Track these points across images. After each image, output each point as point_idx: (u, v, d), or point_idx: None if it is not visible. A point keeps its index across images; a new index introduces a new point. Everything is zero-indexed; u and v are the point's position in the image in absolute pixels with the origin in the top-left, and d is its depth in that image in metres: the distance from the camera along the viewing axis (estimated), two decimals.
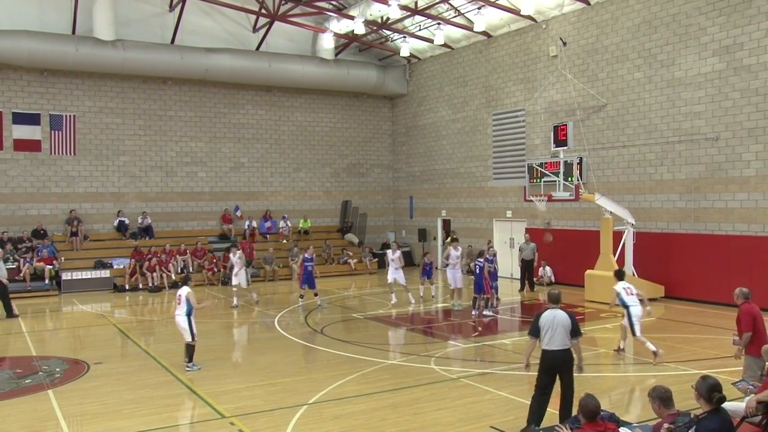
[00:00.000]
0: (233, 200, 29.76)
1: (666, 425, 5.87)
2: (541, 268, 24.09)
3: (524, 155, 25.11)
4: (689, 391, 6.33)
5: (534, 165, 22.02)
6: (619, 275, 13.85)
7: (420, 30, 27.74)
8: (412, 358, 13.19)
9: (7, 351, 14.82)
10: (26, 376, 12.38)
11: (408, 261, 31.57)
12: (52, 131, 26.16)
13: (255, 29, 28.74)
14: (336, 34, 28.79)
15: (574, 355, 8.80)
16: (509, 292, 23.93)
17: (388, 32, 28.93)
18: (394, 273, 20.31)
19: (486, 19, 24.98)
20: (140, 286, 24.53)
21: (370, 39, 29.93)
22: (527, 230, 24.82)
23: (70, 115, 26.44)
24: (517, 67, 25.70)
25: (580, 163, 21.79)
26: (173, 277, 24.83)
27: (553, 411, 8.79)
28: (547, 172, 20.96)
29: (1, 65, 24.90)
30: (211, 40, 27.89)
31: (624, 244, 19.91)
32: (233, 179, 29.91)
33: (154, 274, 24.69)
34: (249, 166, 30.25)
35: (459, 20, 26.22)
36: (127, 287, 24.44)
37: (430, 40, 27.78)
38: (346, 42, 29.90)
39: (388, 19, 26.74)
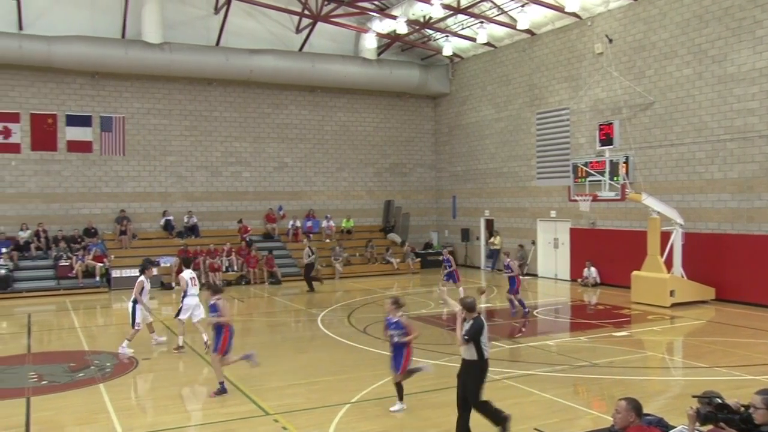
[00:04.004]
0: (277, 200, 30.06)
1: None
2: (585, 269, 23.73)
3: (569, 154, 24.77)
4: (742, 398, 6.12)
5: (579, 164, 21.67)
6: None
7: (462, 29, 27.60)
8: (455, 359, 13.09)
9: (61, 345, 15.25)
10: (79, 369, 12.75)
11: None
12: (103, 132, 26.83)
13: (298, 30, 28.98)
14: (378, 34, 28.84)
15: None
16: (553, 292, 23.66)
17: (430, 31, 28.85)
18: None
19: (529, 17, 24.69)
20: None
21: (413, 38, 29.88)
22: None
23: (119, 117, 27.07)
24: (562, 65, 25.36)
25: (626, 162, 21.35)
26: (220, 276, 25.23)
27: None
28: (592, 171, 20.62)
29: (56, 70, 25.65)
30: (255, 41, 28.22)
31: (672, 244, 19.46)
32: (277, 179, 30.21)
33: (200, 273, 25.06)
34: (293, 166, 30.51)
35: (502, 18, 26.00)
36: (173, 285, 24.88)
37: (473, 39, 27.61)
38: (389, 42, 29.92)
39: (430, 18, 26.66)
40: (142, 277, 14.25)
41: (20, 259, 24.47)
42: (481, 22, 26.13)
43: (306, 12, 27.37)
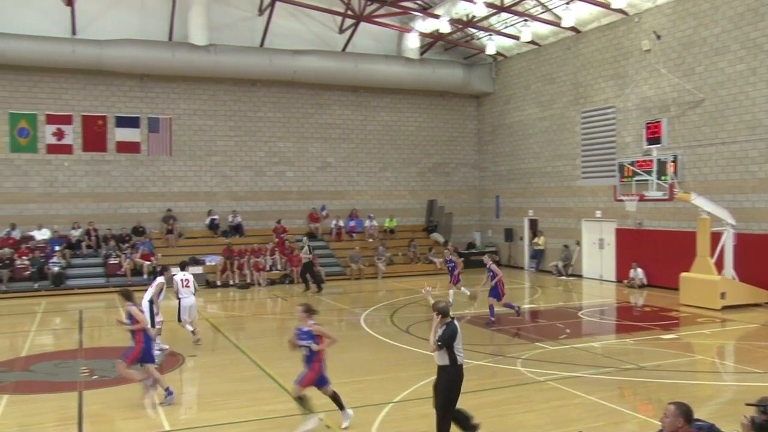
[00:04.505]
0: (320, 199, 30.26)
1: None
2: (632, 270, 23.29)
3: (615, 153, 24.34)
4: None
5: (625, 163, 21.27)
6: None
7: (506, 27, 27.37)
8: (498, 359, 13.02)
9: (111, 341, 15.61)
10: (129, 365, 13.00)
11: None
12: (150, 133, 27.39)
13: (341, 30, 29.12)
14: (421, 34, 28.79)
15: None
16: (598, 293, 23.30)
17: (473, 30, 28.68)
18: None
19: (575, 14, 24.34)
20: (230, 282, 25.31)
21: (456, 37, 29.75)
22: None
23: (166, 118, 27.61)
24: (608, 62, 24.93)
25: (674, 161, 20.87)
26: (264, 275, 25.54)
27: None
28: (639, 170, 20.22)
29: (106, 73, 26.30)
30: (298, 42, 28.45)
31: (723, 245, 18.96)
32: (320, 178, 30.41)
33: (245, 272, 25.43)
34: (336, 166, 30.69)
35: (546, 16, 25.69)
36: (218, 283, 25.28)
37: (517, 38, 27.35)
38: (432, 41, 29.85)
39: (473, 17, 26.51)
40: (161, 279, 14.38)
41: (72, 257, 25.16)
42: (525, 20, 25.86)
43: (349, 12, 27.50)
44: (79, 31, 25.62)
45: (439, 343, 7.95)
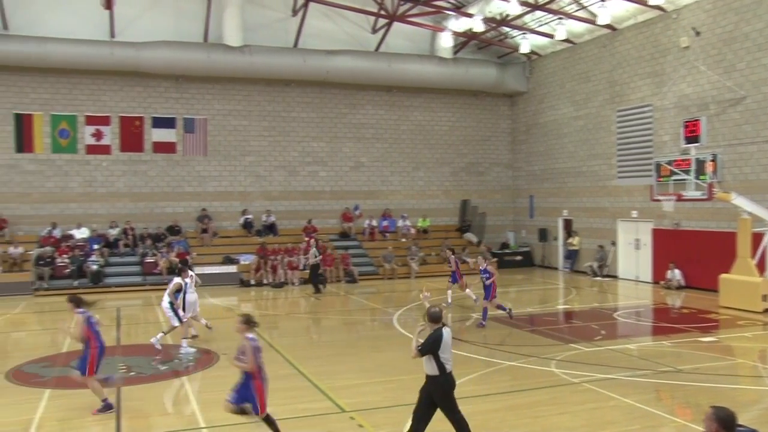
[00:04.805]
0: (353, 199, 30.34)
1: None
2: (669, 271, 22.89)
3: (651, 152, 23.94)
4: None
5: (662, 163, 20.94)
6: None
7: (540, 26, 27.11)
8: (532, 360, 12.90)
9: (147, 338, 15.83)
10: (164, 362, 13.29)
11: (528, 262, 31.05)
12: (186, 134, 27.76)
13: (374, 30, 29.15)
14: (454, 33, 28.66)
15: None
16: (634, 294, 22.96)
17: (507, 29, 28.47)
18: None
19: (610, 11, 23.99)
20: (264, 281, 25.52)
21: (489, 36, 29.56)
22: None
23: (201, 119, 27.95)
24: (644, 60, 24.53)
25: (713, 160, 20.47)
26: (297, 274, 25.68)
27: None
28: (676, 170, 19.87)
29: (143, 74, 26.73)
30: (331, 42, 28.56)
31: (765, 247, 18.50)
32: (353, 178, 30.50)
33: (279, 271, 25.61)
34: (369, 166, 30.74)
35: (581, 14, 25.38)
36: (252, 282, 25.50)
37: (551, 36, 27.06)
38: (465, 40, 29.71)
39: (507, 15, 26.31)
40: (178, 279, 14.74)
41: (110, 255, 25.62)
42: (560, 18, 25.59)
43: (382, 12, 27.51)
44: (117, 33, 26.08)
45: (419, 348, 7.76)
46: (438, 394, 7.87)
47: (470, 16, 26.53)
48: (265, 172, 29.17)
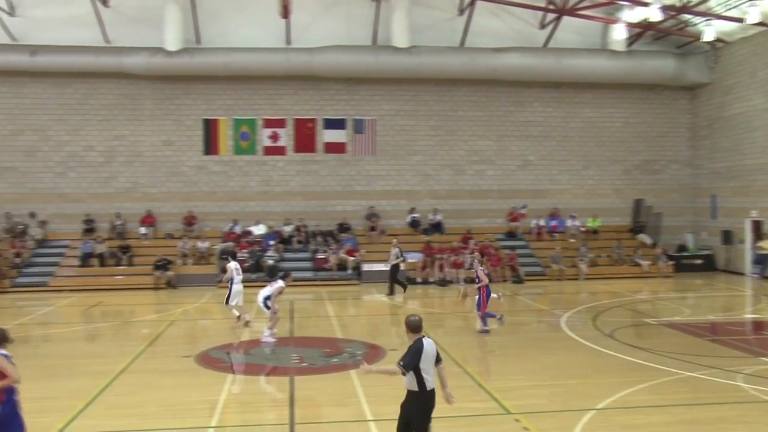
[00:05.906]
0: (521, 198, 29.78)
1: None
2: None
3: None
4: None
5: None
6: None
7: (728, 9, 24.93)
8: (715, 372, 11.91)
9: (318, 332, 16.61)
10: (334, 355, 13.82)
11: (709, 266, 28.80)
12: (355, 134, 28.69)
13: (543, 26, 28.41)
14: (628, 24, 27.17)
15: (443, 384, 7.43)
16: None
17: (688, 16, 26.51)
18: None
19: None
20: (430, 279, 25.75)
21: (667, 26, 27.69)
22: None
23: (370, 119, 28.74)
24: None
25: None
26: (462, 273, 25.66)
27: None
28: None
29: (315, 78, 28.08)
30: (498, 40, 28.21)
31: None
32: (521, 177, 29.96)
33: (445, 270, 25.73)
34: (536, 164, 30.05)
35: None
36: (418, 280, 25.82)
37: (740, 20, 24.78)
38: (640, 31, 28.08)
39: (689, 1, 24.53)
40: (281, 283, 15.43)
41: (284, 251, 27.12)
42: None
43: (551, 6, 26.75)
44: (292, 40, 27.58)
45: (402, 364, 7.01)
46: (414, 410, 7.21)
47: (646, 5, 24.98)
48: (432, 171, 29.46)
